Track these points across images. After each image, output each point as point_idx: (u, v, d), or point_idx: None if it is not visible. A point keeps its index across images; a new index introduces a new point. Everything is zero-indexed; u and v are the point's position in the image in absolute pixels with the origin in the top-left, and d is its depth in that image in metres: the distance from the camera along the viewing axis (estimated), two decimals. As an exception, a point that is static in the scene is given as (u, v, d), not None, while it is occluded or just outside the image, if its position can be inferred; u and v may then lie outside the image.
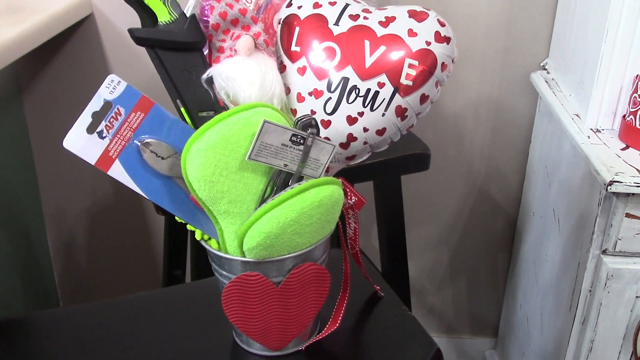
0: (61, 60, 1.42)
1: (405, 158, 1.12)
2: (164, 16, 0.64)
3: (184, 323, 0.78)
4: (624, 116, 1.03)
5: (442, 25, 0.67)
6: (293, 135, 0.60)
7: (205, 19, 0.75)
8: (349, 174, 0.74)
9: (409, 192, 1.44)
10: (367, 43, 0.65)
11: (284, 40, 0.69)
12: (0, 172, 1.41)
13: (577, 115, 1.11)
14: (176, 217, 0.66)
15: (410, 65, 0.65)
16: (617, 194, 0.95)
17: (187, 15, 0.88)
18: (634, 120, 1.00)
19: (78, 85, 1.44)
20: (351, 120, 0.66)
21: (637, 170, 0.94)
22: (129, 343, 0.76)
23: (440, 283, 1.61)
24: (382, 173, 1.14)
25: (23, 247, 1.53)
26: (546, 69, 1.33)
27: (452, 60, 0.68)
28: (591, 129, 1.07)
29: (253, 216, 0.60)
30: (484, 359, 1.66)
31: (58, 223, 1.60)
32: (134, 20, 1.40)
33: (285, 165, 0.61)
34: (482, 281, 1.60)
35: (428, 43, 0.66)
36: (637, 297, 1.01)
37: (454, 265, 1.58)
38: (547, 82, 1.28)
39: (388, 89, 0.65)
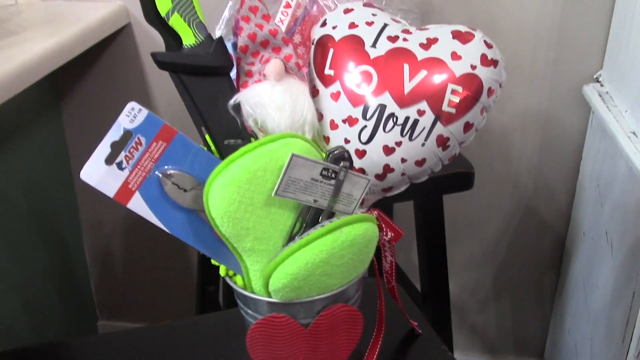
0: (99, 69, 1.41)
1: (448, 177, 1.06)
2: (188, 39, 0.60)
3: (217, 353, 0.75)
4: (687, 137, 0.96)
5: (489, 47, 0.62)
6: (324, 169, 0.56)
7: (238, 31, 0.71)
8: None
9: (453, 207, 1.38)
10: (406, 67, 0.60)
11: (317, 63, 0.64)
12: (39, 181, 1.40)
13: (634, 134, 1.04)
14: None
15: (454, 91, 0.60)
16: (678, 222, 0.88)
17: (218, 31, 0.85)
18: (697, 141, 0.93)
19: (116, 95, 1.42)
20: (388, 151, 0.61)
21: (701, 197, 0.87)
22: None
23: (483, 302, 1.55)
24: (423, 193, 1.09)
25: (60, 255, 1.53)
26: (600, 82, 1.25)
27: (500, 85, 0.63)
28: (649, 149, 1.00)
29: (279, 256, 0.55)
30: (528, 382, 1.59)
31: (95, 232, 1.59)
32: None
33: (315, 201, 0.57)
34: (528, 301, 1.52)
35: (473, 67, 0.60)
36: (698, 331, 0.93)
37: (498, 283, 1.52)
38: (600, 95, 1.20)
39: (429, 117, 0.60)
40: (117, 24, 1.34)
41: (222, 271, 0.62)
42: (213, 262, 0.62)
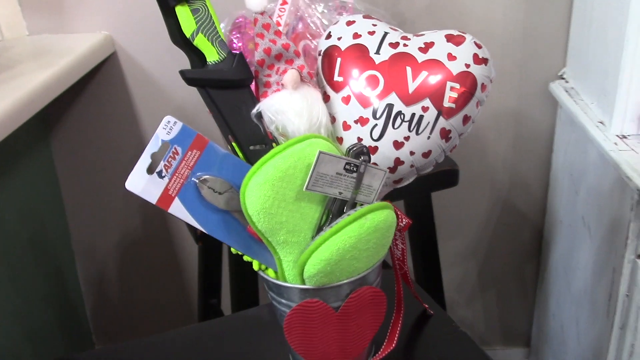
0: (87, 98, 1.44)
1: (435, 175, 1.14)
2: (212, 56, 0.66)
3: (227, 357, 0.79)
4: (650, 121, 1.05)
5: (479, 47, 0.69)
6: (347, 163, 0.62)
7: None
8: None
9: (437, 207, 1.45)
10: (409, 69, 0.68)
11: (326, 72, 0.71)
12: (30, 210, 1.43)
13: (602, 123, 1.13)
14: (232, 249, 0.68)
15: (452, 88, 0.67)
16: (650, 199, 0.96)
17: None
18: (660, 125, 1.02)
19: (104, 123, 1.46)
20: (398, 145, 0.68)
21: (669, 174, 0.96)
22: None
23: (470, 295, 1.62)
24: (413, 191, 1.16)
25: (56, 283, 1.55)
26: (564, 78, 1.35)
27: (491, 80, 0.70)
28: (617, 136, 1.09)
29: (313, 244, 0.61)
30: (518, 370, 1.67)
31: (88, 259, 1.62)
32: (157, 56, 1.43)
33: (340, 193, 0.63)
34: (512, 291, 1.60)
35: (467, 65, 0.68)
36: (675, 298, 1.02)
37: (483, 277, 1.59)
38: (566, 91, 1.30)
39: (432, 112, 0.67)
40: (104, 53, 1.38)
41: (255, 266, 0.68)
42: (246, 258, 0.68)
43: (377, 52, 0.69)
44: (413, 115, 0.67)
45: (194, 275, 1.59)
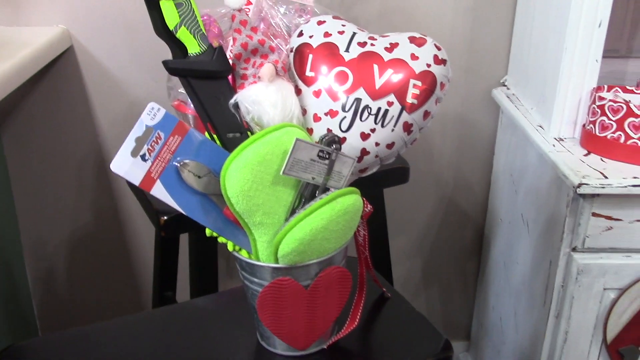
0: (40, 91, 1.44)
1: (387, 172, 1.20)
2: (194, 48, 0.70)
3: (187, 342, 0.80)
4: (584, 125, 1.14)
5: (439, 49, 0.76)
6: (320, 151, 0.67)
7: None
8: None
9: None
10: (375, 67, 0.73)
11: (297, 67, 0.76)
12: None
13: (541, 127, 1.22)
14: (207, 231, 0.72)
15: (415, 86, 0.73)
16: (584, 196, 1.05)
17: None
18: (593, 128, 1.11)
19: (57, 118, 1.45)
20: (364, 136, 0.73)
21: (601, 173, 1.05)
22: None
23: (414, 292, 1.69)
24: (366, 187, 1.22)
25: (2, 277, 1.53)
26: (506, 85, 1.44)
27: (448, 80, 0.76)
28: (555, 138, 1.17)
29: (288, 225, 0.66)
30: (458, 362, 1.75)
31: (37, 253, 1.60)
32: (114, 52, 1.44)
33: (313, 178, 0.68)
34: (454, 287, 1.68)
35: (428, 65, 0.74)
36: (604, 289, 1.10)
37: (427, 274, 1.67)
38: (508, 97, 1.38)
39: (396, 107, 0.73)
40: (61, 47, 1.39)
41: (229, 247, 0.72)
42: (220, 239, 0.72)
43: (347, 50, 0.75)
44: (379, 109, 0.73)
45: (145, 270, 1.61)
